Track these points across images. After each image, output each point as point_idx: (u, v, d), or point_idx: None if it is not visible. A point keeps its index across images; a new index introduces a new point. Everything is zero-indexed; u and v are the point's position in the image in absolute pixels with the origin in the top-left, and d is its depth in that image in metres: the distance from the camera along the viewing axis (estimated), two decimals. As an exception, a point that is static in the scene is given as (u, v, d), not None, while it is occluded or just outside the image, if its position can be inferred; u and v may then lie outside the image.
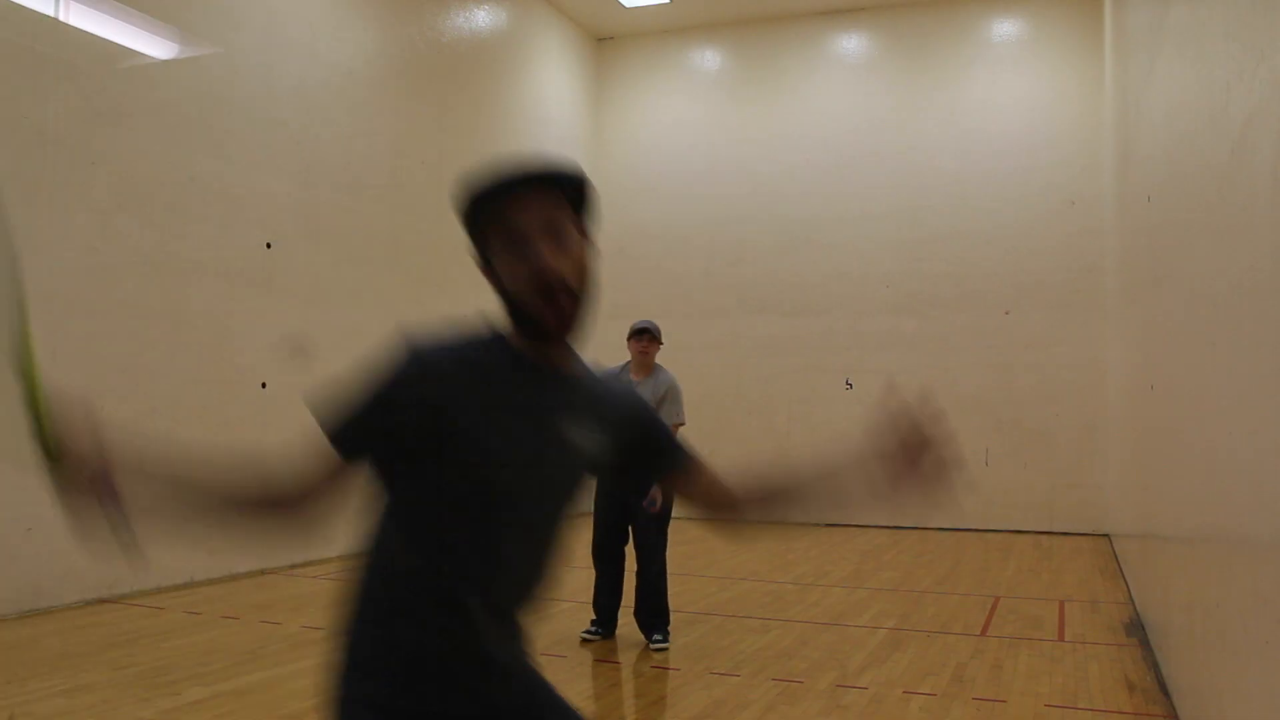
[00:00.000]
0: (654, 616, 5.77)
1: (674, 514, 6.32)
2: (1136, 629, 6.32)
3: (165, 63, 7.60)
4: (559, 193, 1.61)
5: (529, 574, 1.65)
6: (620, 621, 6.00)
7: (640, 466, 1.84)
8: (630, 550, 5.94)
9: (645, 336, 6.05)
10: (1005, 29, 12.74)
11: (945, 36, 12.95)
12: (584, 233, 1.65)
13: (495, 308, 1.67)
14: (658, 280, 13.91)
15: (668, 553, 5.92)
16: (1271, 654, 2.38)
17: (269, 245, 8.46)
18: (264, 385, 8.31)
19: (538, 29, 12.89)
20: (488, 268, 1.66)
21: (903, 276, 12.84)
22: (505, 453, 1.56)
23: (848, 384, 12.96)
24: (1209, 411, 3.32)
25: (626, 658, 5.56)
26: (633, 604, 5.91)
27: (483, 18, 11.65)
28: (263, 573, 8.19)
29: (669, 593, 5.90)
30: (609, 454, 1.73)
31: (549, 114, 13.11)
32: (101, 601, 6.81)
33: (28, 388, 1.53)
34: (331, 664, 1.60)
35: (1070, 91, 12.39)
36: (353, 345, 9.29)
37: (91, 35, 6.97)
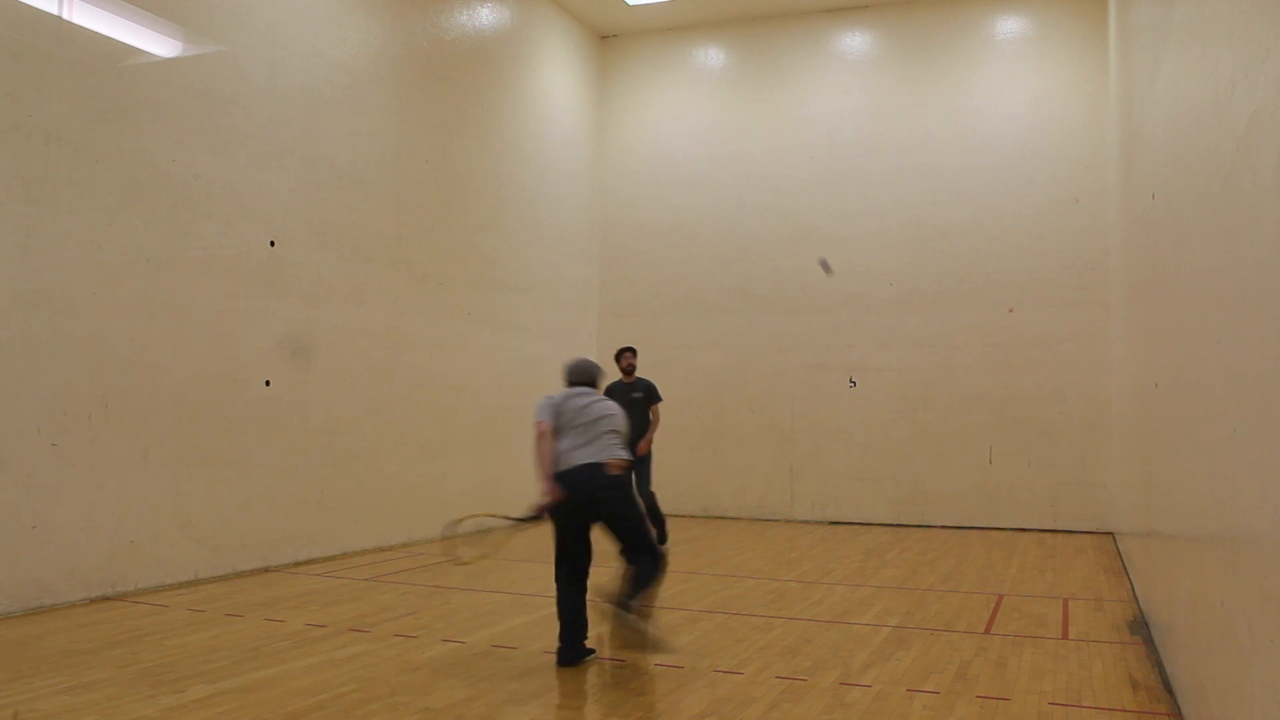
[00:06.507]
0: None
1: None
2: (1140, 627, 6.31)
3: (169, 61, 7.61)
4: None
5: None
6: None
7: None
8: None
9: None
10: (1009, 26, 12.72)
11: (949, 34, 12.93)
12: None
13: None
14: (661, 277, 13.92)
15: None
16: (1276, 652, 2.37)
17: (272, 243, 8.47)
18: (268, 383, 8.32)
19: (541, 27, 12.88)
20: None
21: (906, 274, 12.83)
22: None
23: (851, 382, 12.96)
24: (1214, 409, 3.31)
25: (630, 654, 5.56)
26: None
27: (486, 15, 11.64)
28: (266, 570, 8.21)
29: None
30: None
31: (552, 112, 13.11)
32: (105, 599, 6.83)
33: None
34: None
35: (1074, 89, 12.37)
36: (356, 343, 9.36)
37: (95, 33, 6.98)
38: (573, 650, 5.31)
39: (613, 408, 5.62)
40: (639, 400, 9.34)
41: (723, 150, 13.78)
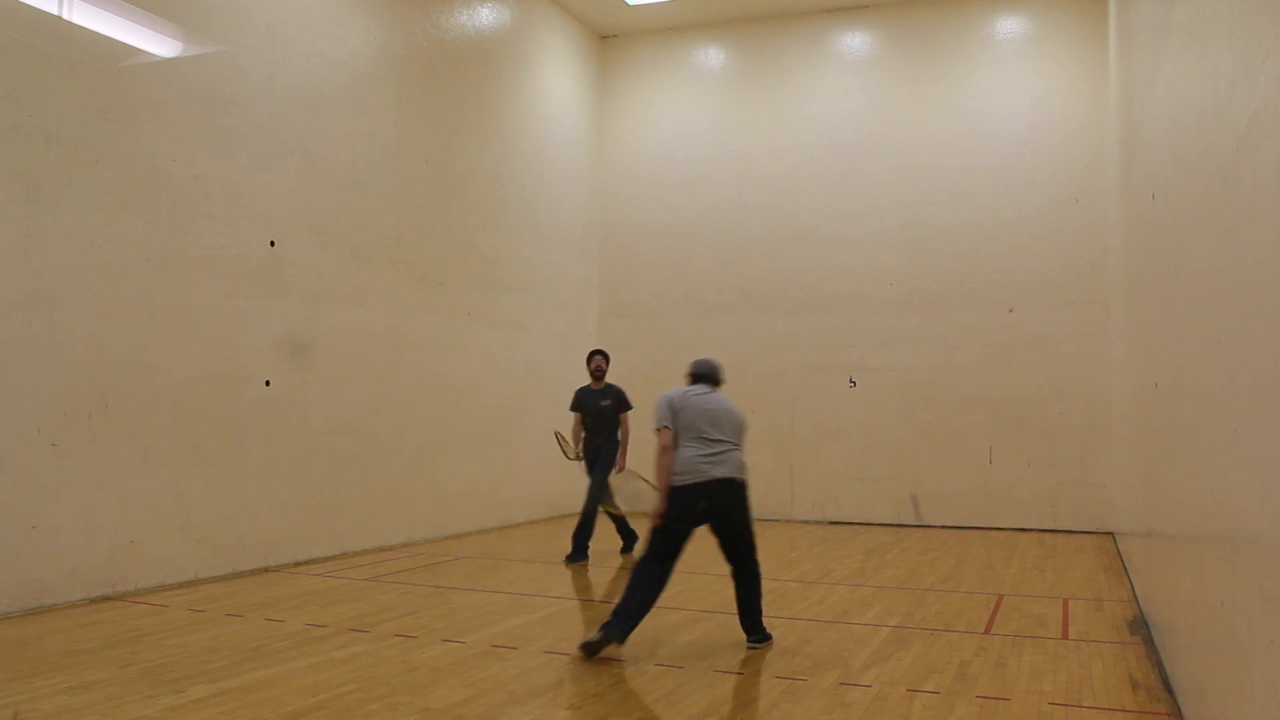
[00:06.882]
0: None
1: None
2: (1140, 627, 6.31)
3: (169, 61, 7.61)
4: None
5: None
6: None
7: None
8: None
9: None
10: (1009, 26, 12.72)
11: (949, 34, 12.93)
12: None
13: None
14: (661, 277, 13.92)
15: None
16: (1276, 652, 2.37)
17: (272, 243, 8.46)
18: (268, 383, 8.32)
19: (541, 27, 12.88)
20: None
21: (906, 274, 12.82)
22: None
23: (851, 382, 12.96)
24: (1213, 409, 3.31)
25: (630, 654, 5.56)
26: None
27: (486, 15, 11.64)
28: (266, 570, 8.20)
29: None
30: None
31: (552, 112, 13.11)
32: (105, 599, 6.83)
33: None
34: None
35: (1075, 89, 12.37)
36: (356, 343, 9.36)
37: (95, 33, 6.98)
38: (628, 629, 5.42)
39: (733, 408, 5.73)
40: (607, 409, 9.08)
41: (723, 150, 13.78)
